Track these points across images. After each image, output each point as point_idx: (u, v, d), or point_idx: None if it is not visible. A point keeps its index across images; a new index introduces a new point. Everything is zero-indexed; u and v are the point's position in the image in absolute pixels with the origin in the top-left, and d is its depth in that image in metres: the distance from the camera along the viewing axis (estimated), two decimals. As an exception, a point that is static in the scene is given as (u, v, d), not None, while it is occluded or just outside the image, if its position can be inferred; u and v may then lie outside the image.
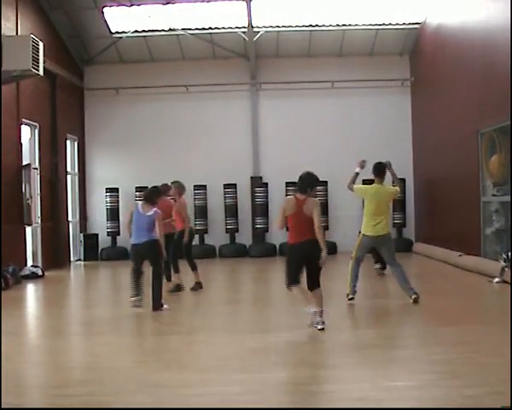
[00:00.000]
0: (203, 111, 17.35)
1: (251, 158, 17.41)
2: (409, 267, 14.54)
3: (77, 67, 17.27)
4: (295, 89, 17.25)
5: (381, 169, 8.73)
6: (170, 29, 16.37)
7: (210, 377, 5.35)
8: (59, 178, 15.38)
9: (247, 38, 16.46)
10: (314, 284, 6.98)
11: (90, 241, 16.73)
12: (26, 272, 12.83)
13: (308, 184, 7.02)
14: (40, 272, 13.08)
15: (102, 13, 15.64)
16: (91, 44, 17.12)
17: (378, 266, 11.64)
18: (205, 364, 5.74)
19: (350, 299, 8.70)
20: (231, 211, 16.90)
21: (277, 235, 15.81)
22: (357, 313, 8.56)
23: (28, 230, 13.70)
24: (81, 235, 16.87)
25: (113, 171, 17.12)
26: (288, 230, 7.20)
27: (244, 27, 16.14)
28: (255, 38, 16.44)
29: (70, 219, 16.39)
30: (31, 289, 11.80)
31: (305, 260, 6.93)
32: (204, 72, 17.28)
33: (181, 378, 5.32)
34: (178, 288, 10.01)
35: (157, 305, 8.50)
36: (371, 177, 8.92)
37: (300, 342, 6.64)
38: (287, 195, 14.07)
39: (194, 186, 16.89)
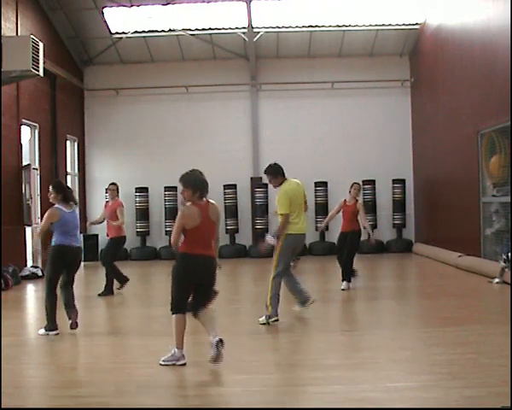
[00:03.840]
0: (203, 112, 17.35)
1: (251, 159, 17.40)
2: (409, 268, 14.66)
3: (77, 67, 17.28)
4: (295, 89, 17.26)
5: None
6: (170, 30, 16.37)
7: (210, 377, 5.35)
8: (59, 178, 15.37)
9: (247, 39, 16.46)
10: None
11: (90, 241, 16.69)
12: (25, 272, 12.85)
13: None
14: (40, 273, 13.08)
15: (102, 13, 15.64)
16: (91, 45, 17.13)
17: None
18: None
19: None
20: (231, 211, 16.89)
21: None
22: (356, 313, 8.55)
23: (28, 230, 13.70)
24: (81, 235, 16.82)
25: (113, 171, 17.07)
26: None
27: (244, 28, 16.14)
28: (255, 39, 16.44)
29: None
30: (31, 290, 11.80)
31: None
32: (204, 72, 17.30)
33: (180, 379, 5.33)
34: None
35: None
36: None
37: (300, 343, 6.63)
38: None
39: (195, 187, 16.90)
